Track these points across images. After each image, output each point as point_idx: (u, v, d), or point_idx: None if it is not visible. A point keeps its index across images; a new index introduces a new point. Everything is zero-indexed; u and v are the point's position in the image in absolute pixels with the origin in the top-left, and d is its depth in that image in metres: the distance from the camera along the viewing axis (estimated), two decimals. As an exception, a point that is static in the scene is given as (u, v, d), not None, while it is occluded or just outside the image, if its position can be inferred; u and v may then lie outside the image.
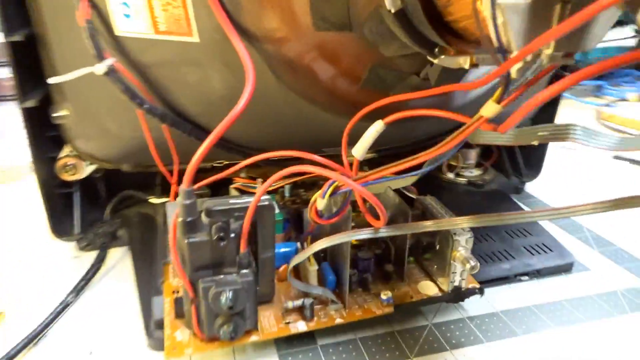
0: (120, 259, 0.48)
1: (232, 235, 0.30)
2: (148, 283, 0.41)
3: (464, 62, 0.25)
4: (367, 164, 0.48)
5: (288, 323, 0.34)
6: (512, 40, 0.19)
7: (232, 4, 0.29)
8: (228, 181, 0.56)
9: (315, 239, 0.37)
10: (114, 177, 0.52)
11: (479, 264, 0.34)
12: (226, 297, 0.30)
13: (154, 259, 0.44)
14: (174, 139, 0.40)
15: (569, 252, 0.47)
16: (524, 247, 0.48)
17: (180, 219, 0.30)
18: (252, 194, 0.42)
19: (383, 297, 0.36)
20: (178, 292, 0.37)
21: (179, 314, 0.34)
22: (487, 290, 0.40)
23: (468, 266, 0.34)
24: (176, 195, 0.46)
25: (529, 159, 0.64)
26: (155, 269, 0.42)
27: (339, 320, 0.35)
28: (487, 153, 0.65)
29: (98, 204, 0.53)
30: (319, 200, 0.29)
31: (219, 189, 0.54)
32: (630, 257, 0.49)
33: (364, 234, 0.30)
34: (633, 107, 1.11)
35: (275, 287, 0.36)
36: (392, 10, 0.23)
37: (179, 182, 0.45)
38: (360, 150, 0.31)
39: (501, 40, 0.19)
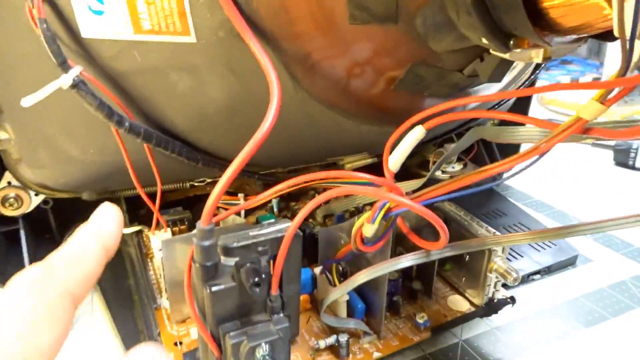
0: (86, 302, 0.41)
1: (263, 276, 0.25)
2: (136, 334, 0.34)
3: (536, 55, 0.22)
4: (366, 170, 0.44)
5: (321, 365, 0.30)
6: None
7: (243, -5, 0.24)
8: (201, 198, 0.50)
9: (348, 268, 0.33)
10: (67, 205, 0.44)
11: (520, 275, 0.32)
12: (263, 351, 0.24)
13: (136, 302, 0.37)
14: (155, 159, 0.33)
15: (571, 245, 0.47)
16: (529, 244, 0.47)
17: (197, 265, 0.24)
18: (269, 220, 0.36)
19: (419, 320, 0.32)
20: (181, 343, 0.31)
21: (192, 373, 0.28)
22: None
23: (510, 278, 0.31)
24: (158, 224, 0.39)
25: (505, 152, 0.64)
26: (142, 314, 0.35)
27: (376, 355, 0.31)
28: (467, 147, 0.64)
29: (49, 238, 0.45)
30: (368, 227, 0.25)
31: (193, 205, 0.48)
32: (623, 244, 0.49)
33: (416, 259, 0.27)
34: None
35: (299, 324, 0.31)
36: (471, -3, 0.19)
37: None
38: (397, 162, 0.27)
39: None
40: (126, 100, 0.29)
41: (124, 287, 0.40)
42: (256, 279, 0.23)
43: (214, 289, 0.24)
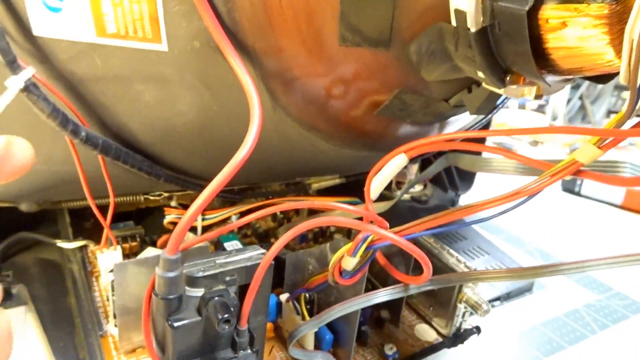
0: (19, 323, 0.37)
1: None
2: (77, 364, 0.31)
3: (529, 92, 0.22)
4: (332, 190, 0.43)
5: (286, 402, 0.28)
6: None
7: (224, 5, 0.22)
8: (153, 210, 0.47)
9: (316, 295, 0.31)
10: (2, 216, 0.39)
11: (490, 307, 0.31)
12: (228, 394, 0.22)
13: (78, 326, 0.34)
14: (109, 171, 0.31)
15: (528, 271, 0.47)
16: (487, 267, 0.47)
17: (159, 297, 0.21)
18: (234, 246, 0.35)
19: (388, 352, 0.31)
20: (131, 377, 0.28)
21: (144, 413, 0.26)
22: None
23: (481, 311, 0.31)
24: (107, 241, 0.36)
25: (462, 174, 0.65)
26: (84, 342, 0.32)
27: (344, 389, 0.29)
28: (426, 168, 0.64)
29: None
30: (349, 259, 0.23)
31: (144, 218, 0.44)
32: (575, 270, 0.51)
33: (393, 293, 0.25)
34: (524, 115, 1.21)
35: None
36: (474, 29, 0.18)
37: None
38: (377, 190, 0.26)
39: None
40: (83, 108, 0.26)
41: (63, 308, 0.36)
42: (226, 315, 0.21)
43: (177, 324, 0.22)
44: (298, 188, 0.43)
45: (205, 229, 0.43)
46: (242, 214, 0.47)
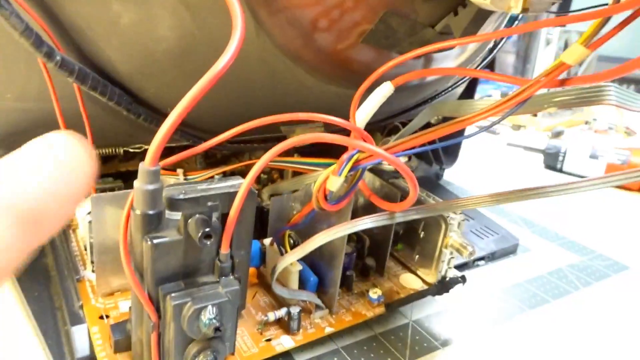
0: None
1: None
2: (52, 309, 0.30)
3: (516, 4, 0.21)
4: (318, 152, 0.42)
5: (269, 340, 0.27)
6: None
7: None
8: (134, 174, 0.46)
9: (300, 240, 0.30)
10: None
11: (475, 249, 0.31)
12: (209, 315, 0.21)
13: (53, 277, 0.33)
14: (87, 110, 0.29)
15: (512, 234, 0.47)
16: (472, 232, 0.47)
17: (138, 212, 0.21)
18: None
19: (373, 296, 0.31)
20: (108, 317, 0.27)
21: (121, 346, 0.25)
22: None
23: (466, 252, 0.30)
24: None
25: (447, 147, 0.65)
26: (60, 289, 0.31)
27: (328, 330, 0.29)
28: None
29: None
30: (334, 179, 0.23)
31: (124, 181, 0.43)
32: (558, 236, 0.51)
33: (379, 220, 0.25)
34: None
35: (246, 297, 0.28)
36: None
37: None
38: (364, 117, 0.26)
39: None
40: (58, 31, 0.25)
41: (38, 266, 0.35)
42: (207, 230, 0.21)
43: (156, 241, 0.21)
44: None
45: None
46: (224, 175, 0.46)
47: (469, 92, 0.58)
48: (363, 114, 0.25)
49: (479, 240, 0.45)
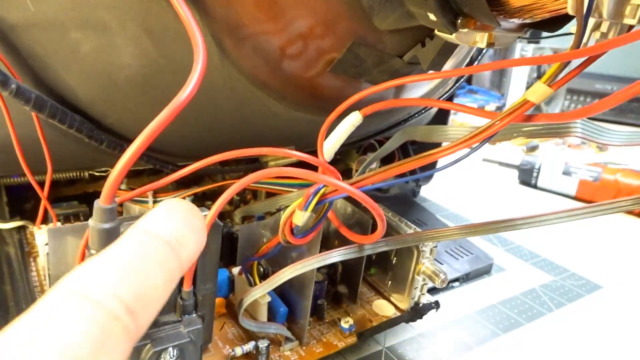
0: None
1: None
2: (8, 346, 0.28)
3: (481, 39, 0.21)
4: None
5: (236, 377, 0.26)
6: (605, 4, 0.15)
7: (167, -59, 0.21)
8: (97, 195, 0.44)
9: (270, 268, 0.30)
10: None
11: (447, 277, 0.31)
12: (170, 357, 0.21)
13: (12, 309, 0.31)
14: (47, 137, 0.28)
15: (486, 254, 0.48)
16: (446, 251, 0.47)
17: (94, 252, 0.20)
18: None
19: (344, 325, 0.30)
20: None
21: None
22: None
23: (439, 280, 0.30)
24: (45, 217, 0.33)
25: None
26: (18, 324, 0.29)
27: (298, 363, 0.28)
28: (387, 157, 0.64)
29: None
30: (300, 214, 0.22)
31: (90, 203, 0.42)
32: (531, 254, 0.51)
33: (347, 253, 0.24)
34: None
35: (212, 330, 0.27)
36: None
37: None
38: (331, 148, 0.25)
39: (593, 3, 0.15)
40: (14, 59, 0.24)
41: (3, 294, 0.33)
42: (166, 270, 0.20)
43: (112, 282, 0.20)
44: (256, 168, 0.42)
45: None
46: (197, 197, 0.45)
47: (443, 111, 0.58)
48: (330, 145, 0.25)
49: (453, 260, 0.45)
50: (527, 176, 0.73)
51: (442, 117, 0.58)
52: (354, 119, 0.25)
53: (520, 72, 1.13)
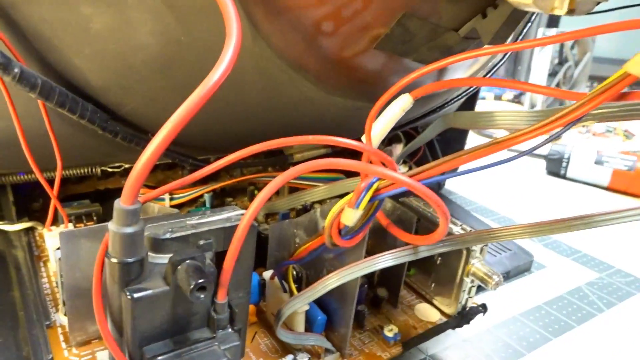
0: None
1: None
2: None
3: (560, 4, 0.18)
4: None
5: (274, 395, 0.23)
6: None
7: None
8: (114, 193, 0.41)
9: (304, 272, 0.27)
10: None
11: (502, 280, 0.28)
12: (204, 383, 0.18)
13: (21, 319, 0.28)
14: (55, 128, 0.26)
15: (525, 250, 0.44)
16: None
17: (115, 260, 0.17)
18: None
19: (388, 334, 0.27)
20: (83, 373, 0.23)
21: (98, 414, 0.21)
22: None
23: (492, 282, 0.27)
24: (55, 217, 0.31)
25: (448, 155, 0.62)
26: (29, 335, 0.26)
27: (340, 377, 0.25)
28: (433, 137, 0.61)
29: None
30: (350, 213, 0.19)
31: (104, 201, 0.39)
32: (571, 249, 0.48)
33: (401, 256, 0.21)
34: (501, 106, 1.19)
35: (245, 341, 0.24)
36: None
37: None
38: (379, 133, 0.22)
39: None
40: (17, 39, 0.21)
41: (5, 302, 0.31)
42: (201, 281, 0.17)
43: (137, 295, 0.17)
44: (278, 161, 0.39)
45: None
46: (216, 194, 0.43)
47: (470, 101, 0.55)
48: (377, 132, 0.22)
49: (491, 257, 0.42)
50: (556, 166, 0.70)
51: (469, 105, 0.55)
52: (404, 103, 0.22)
53: (540, 62, 1.09)
